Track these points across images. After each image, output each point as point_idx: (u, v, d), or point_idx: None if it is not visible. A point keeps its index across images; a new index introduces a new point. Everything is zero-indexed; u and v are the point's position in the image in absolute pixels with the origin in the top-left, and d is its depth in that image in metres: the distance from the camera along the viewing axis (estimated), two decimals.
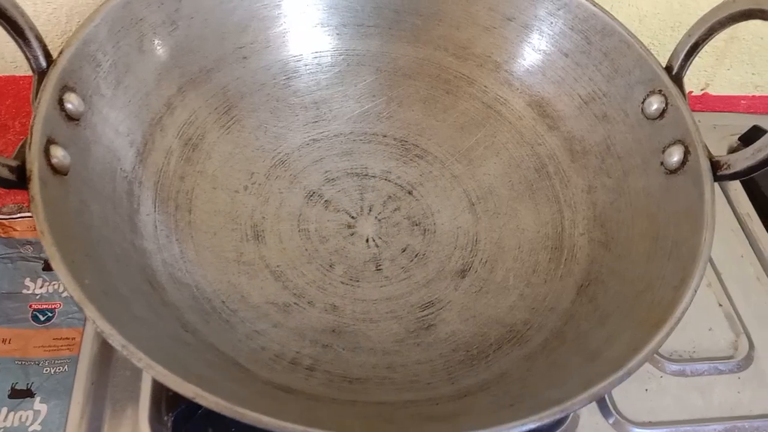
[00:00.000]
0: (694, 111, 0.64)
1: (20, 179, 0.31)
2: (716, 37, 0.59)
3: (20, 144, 0.32)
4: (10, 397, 0.43)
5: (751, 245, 0.54)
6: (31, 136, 0.31)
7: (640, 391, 0.44)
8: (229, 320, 0.38)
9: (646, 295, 0.35)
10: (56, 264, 0.28)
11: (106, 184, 0.37)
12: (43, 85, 0.34)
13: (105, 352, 0.42)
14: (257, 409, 0.26)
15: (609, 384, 0.29)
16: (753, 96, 0.65)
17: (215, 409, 0.26)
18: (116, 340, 0.27)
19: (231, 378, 0.33)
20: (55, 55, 0.35)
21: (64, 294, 0.48)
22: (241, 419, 0.26)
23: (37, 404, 0.43)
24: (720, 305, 0.49)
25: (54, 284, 0.48)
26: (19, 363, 0.44)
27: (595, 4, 0.44)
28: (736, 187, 0.58)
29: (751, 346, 0.47)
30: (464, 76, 0.50)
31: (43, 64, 0.35)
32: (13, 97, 0.54)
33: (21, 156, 0.31)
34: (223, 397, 0.26)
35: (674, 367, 0.45)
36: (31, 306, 0.47)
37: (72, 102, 0.35)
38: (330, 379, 0.36)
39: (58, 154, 0.33)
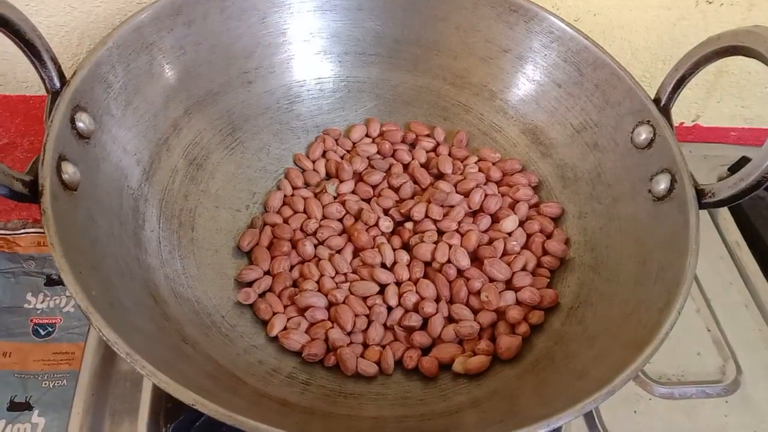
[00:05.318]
0: (685, 141, 0.66)
1: (32, 193, 0.32)
2: (706, 70, 0.60)
3: (33, 160, 0.33)
4: (9, 409, 0.42)
5: (739, 272, 0.54)
6: (44, 153, 0.33)
7: (628, 412, 0.45)
8: (228, 335, 0.39)
9: (632, 317, 0.36)
10: (65, 275, 0.29)
11: (113, 200, 0.38)
12: (56, 104, 0.35)
13: (106, 364, 0.43)
14: (254, 417, 0.27)
15: (593, 401, 0.30)
16: (742, 128, 0.66)
17: (214, 416, 0.27)
18: (121, 348, 0.28)
19: (229, 389, 0.33)
20: (68, 76, 0.37)
21: (65, 309, 0.48)
22: (239, 427, 0.27)
23: (35, 417, 0.42)
24: (708, 330, 0.50)
25: (55, 299, 0.48)
26: (19, 376, 0.44)
27: (587, 38, 0.46)
28: (725, 215, 0.58)
29: (739, 371, 0.48)
30: (461, 104, 0.51)
31: (57, 84, 0.36)
32: (23, 115, 0.55)
33: (33, 171, 0.32)
34: (222, 404, 0.27)
35: (663, 389, 0.46)
36: (32, 320, 0.47)
37: (83, 121, 0.36)
38: (325, 394, 0.37)
39: (69, 170, 0.34)
